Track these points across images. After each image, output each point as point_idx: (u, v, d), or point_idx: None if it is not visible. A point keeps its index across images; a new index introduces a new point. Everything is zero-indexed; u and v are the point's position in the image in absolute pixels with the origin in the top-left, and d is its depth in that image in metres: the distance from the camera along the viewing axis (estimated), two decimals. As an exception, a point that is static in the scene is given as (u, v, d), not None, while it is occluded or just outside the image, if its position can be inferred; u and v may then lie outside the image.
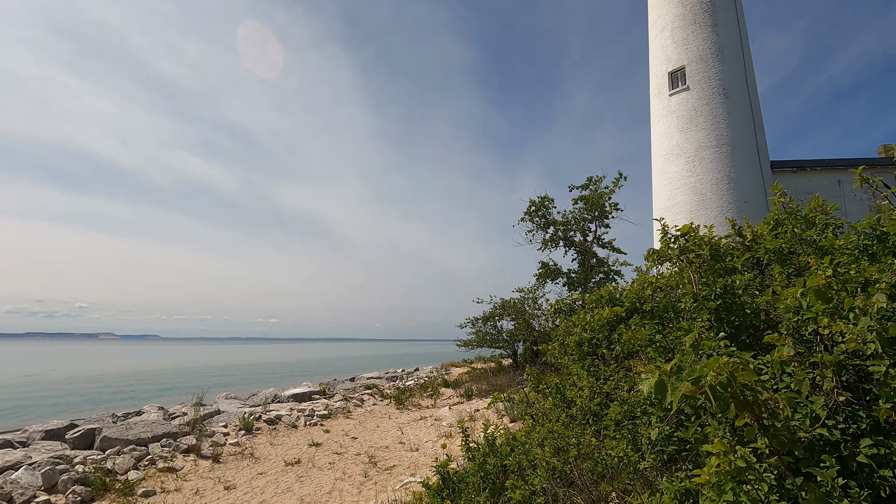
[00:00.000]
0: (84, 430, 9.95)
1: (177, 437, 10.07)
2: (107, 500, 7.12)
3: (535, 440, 4.33)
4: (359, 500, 7.15)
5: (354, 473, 8.55)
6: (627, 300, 4.34)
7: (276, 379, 35.22)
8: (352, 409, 14.79)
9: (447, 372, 26.07)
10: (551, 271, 21.02)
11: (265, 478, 8.47)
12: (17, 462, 7.77)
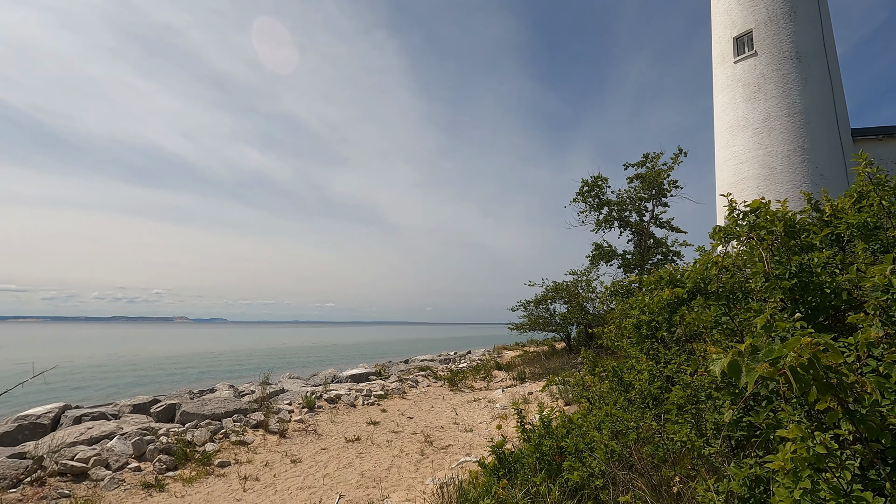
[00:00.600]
0: (166, 405, 10.84)
1: (246, 414, 10.76)
2: (188, 469, 7.75)
3: (592, 423, 4.28)
4: (416, 477, 7.38)
5: (411, 451, 8.82)
6: (690, 281, 4.16)
7: (335, 360, 36.69)
8: (407, 390, 15.19)
9: (499, 355, 26.13)
10: (605, 253, 20.43)
11: (328, 453, 8.90)
12: (111, 432, 8.60)
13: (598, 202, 20.31)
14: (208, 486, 7.24)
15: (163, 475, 7.42)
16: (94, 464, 7.22)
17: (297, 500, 6.62)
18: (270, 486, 7.26)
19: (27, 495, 6.10)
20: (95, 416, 9.94)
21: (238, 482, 7.37)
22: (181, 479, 7.35)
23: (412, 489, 6.83)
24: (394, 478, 7.44)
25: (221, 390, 14.31)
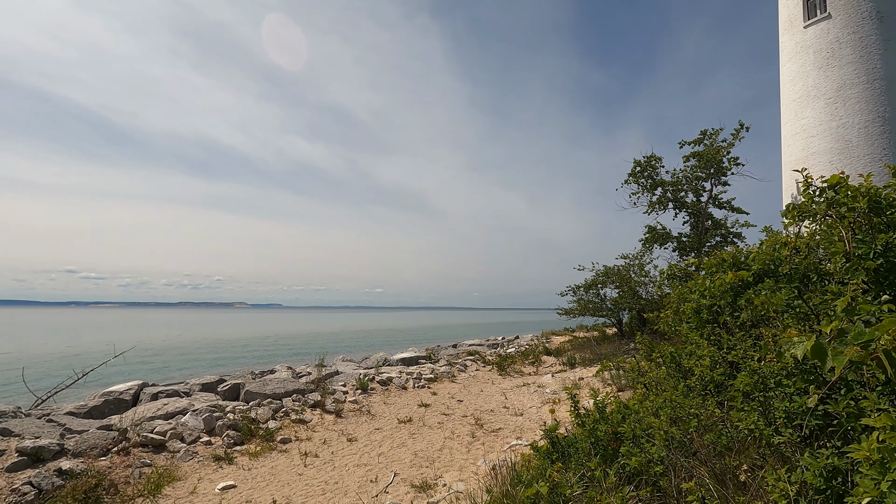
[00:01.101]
0: (231, 385, 11.54)
1: (304, 394, 11.27)
2: (253, 444, 8.25)
3: (649, 409, 4.18)
4: (468, 458, 7.50)
5: (462, 433, 8.96)
6: (756, 263, 3.94)
7: (384, 344, 37.60)
8: (456, 374, 15.37)
9: (548, 340, 25.88)
10: (659, 235, 19.67)
11: (381, 433, 9.20)
12: (184, 409, 9.27)
13: (651, 183, 19.50)
14: (272, 460, 7.68)
15: (231, 449, 7.93)
16: (171, 437, 7.82)
17: (354, 477, 6.91)
18: (329, 462, 7.61)
19: (115, 463, 6.70)
20: (170, 394, 10.74)
21: (299, 458, 7.77)
22: (247, 454, 7.83)
23: (464, 470, 6.95)
24: (446, 458, 7.60)
25: (280, 371, 15.04)
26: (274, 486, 6.60)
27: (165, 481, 6.52)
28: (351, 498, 6.15)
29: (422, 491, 6.18)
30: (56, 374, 16.65)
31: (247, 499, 6.18)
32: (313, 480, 6.82)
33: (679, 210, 19.66)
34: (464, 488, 5.80)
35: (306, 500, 6.12)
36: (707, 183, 19.09)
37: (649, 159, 19.21)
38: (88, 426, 8.01)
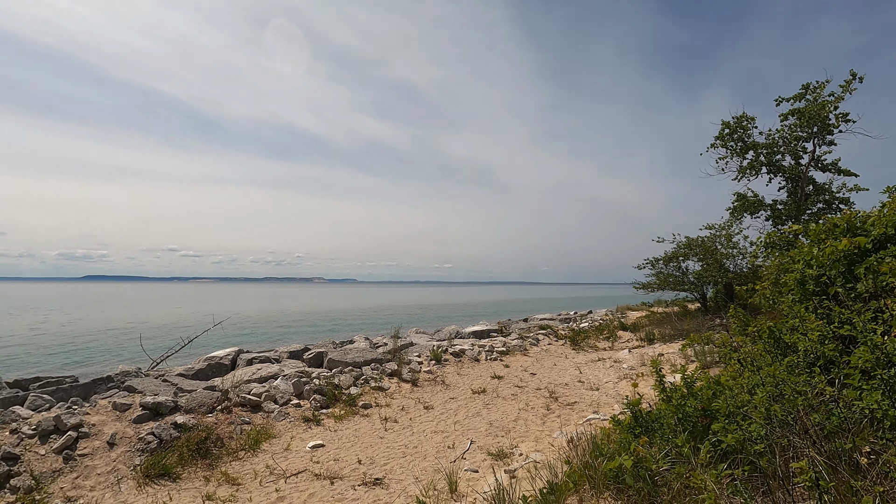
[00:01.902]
0: (315, 353, 12.32)
1: (382, 363, 11.78)
2: (337, 408, 8.79)
3: (744, 386, 3.91)
4: (543, 430, 7.51)
5: (537, 406, 8.96)
6: (877, 227, 3.50)
7: (455, 318, 38.25)
8: (528, 348, 15.33)
9: (623, 315, 24.99)
10: (750, 203, 18.05)
11: (456, 402, 9.43)
12: (276, 374, 10.05)
13: (741, 146, 17.82)
14: (355, 423, 8.16)
15: (318, 412, 8.51)
16: (265, 399, 8.52)
17: (432, 443, 7.16)
18: (407, 427, 7.94)
19: (220, 420, 7.44)
20: (262, 360, 11.68)
21: (380, 422, 8.18)
22: (332, 417, 8.37)
23: (540, 441, 6.97)
24: (521, 429, 7.66)
25: (359, 342, 15.80)
26: (358, 448, 7.02)
27: (263, 438, 7.15)
28: (430, 461, 6.40)
29: (498, 459, 6.29)
30: (166, 340, 18.68)
31: (334, 457, 6.63)
32: (394, 444, 7.16)
33: (774, 175, 17.86)
34: (541, 458, 5.82)
35: (388, 461, 6.45)
36: (808, 143, 17.12)
37: (739, 120, 17.52)
38: (196, 386, 8.92)
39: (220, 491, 5.57)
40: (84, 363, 17.65)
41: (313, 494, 5.45)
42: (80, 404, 7.45)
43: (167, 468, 5.94)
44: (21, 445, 5.98)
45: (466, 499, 4.84)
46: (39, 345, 23.19)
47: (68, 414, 6.72)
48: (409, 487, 5.56)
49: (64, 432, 6.33)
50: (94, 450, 6.26)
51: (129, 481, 5.76)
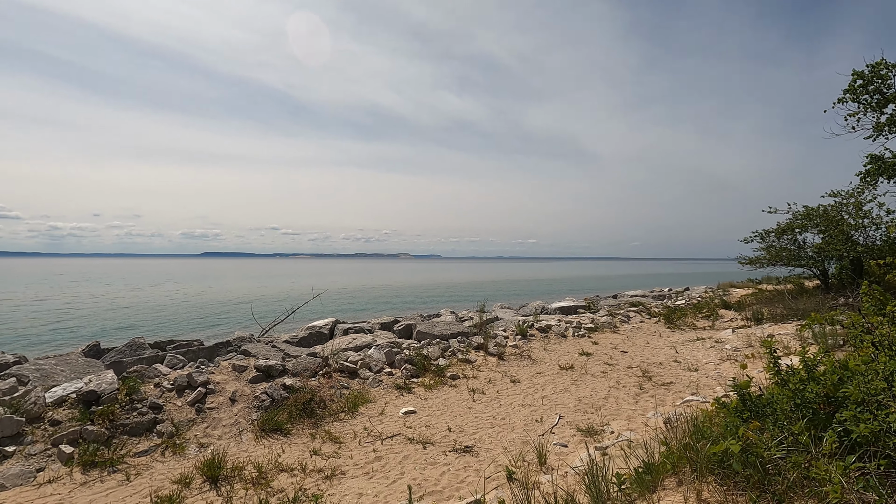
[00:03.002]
0: (405, 325, 12.85)
1: (468, 336, 12.00)
2: (426, 377, 9.14)
3: (880, 372, 3.46)
4: (636, 409, 7.25)
5: (629, 384, 8.65)
6: None
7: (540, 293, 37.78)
8: (618, 325, 14.76)
9: (725, 293, 23.06)
10: (888, 166, 15.56)
11: (543, 377, 9.38)
12: (369, 343, 10.66)
13: (879, 99, 15.32)
14: (444, 393, 8.44)
15: (408, 380, 8.92)
16: (361, 366, 9.08)
17: (520, 415, 7.22)
18: (495, 399, 8.07)
19: (322, 384, 8.08)
20: (356, 330, 12.43)
21: (467, 393, 8.39)
22: (422, 386, 8.73)
23: (633, 420, 6.75)
24: (612, 407, 7.46)
25: (445, 315, 16.21)
26: (447, 416, 7.28)
27: (360, 402, 7.66)
28: (518, 433, 6.47)
29: (588, 435, 6.20)
30: (272, 310, 20.52)
31: (425, 424, 6.94)
32: (482, 414, 7.32)
33: (921, 131, 15.19)
34: (634, 438, 5.64)
35: (477, 430, 6.62)
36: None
37: (876, 68, 14.99)
38: (300, 352, 9.74)
39: (324, 447, 6.09)
40: (207, 328, 20.01)
41: (407, 457, 5.77)
42: (207, 364, 8.47)
43: (279, 424, 6.59)
44: (163, 397, 6.96)
45: (556, 472, 4.84)
46: (174, 311, 26.63)
47: (198, 372, 7.67)
48: (499, 457, 5.67)
49: (195, 388, 7.25)
50: (219, 404, 7.11)
51: (248, 433, 6.49)
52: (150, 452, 5.85)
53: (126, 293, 39.83)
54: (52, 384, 7.05)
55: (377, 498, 4.74)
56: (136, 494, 4.88)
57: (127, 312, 26.44)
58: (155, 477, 5.29)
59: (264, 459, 5.60)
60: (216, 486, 5.02)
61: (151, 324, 22.06)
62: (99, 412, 6.19)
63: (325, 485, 5.06)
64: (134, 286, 48.96)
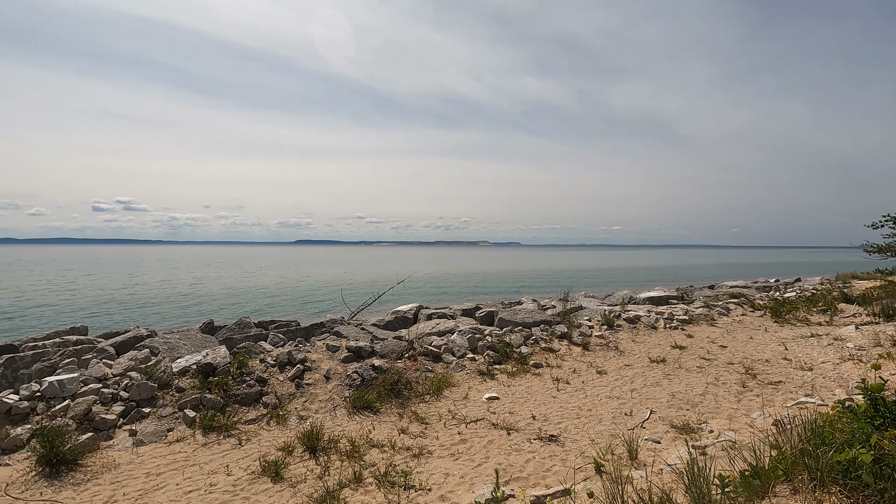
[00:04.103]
0: (486, 312, 12.90)
1: (551, 325, 11.78)
2: (509, 365, 9.12)
3: None
4: (738, 409, 6.70)
5: (729, 381, 8.01)
6: None
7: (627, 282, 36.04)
8: (716, 318, 13.69)
9: (845, 284, 20.43)
10: None
11: (632, 370, 8.98)
12: (451, 329, 10.84)
13: None
14: (526, 381, 8.38)
15: (491, 367, 8.95)
16: (444, 351, 9.28)
17: (607, 408, 6.98)
18: (580, 390, 7.87)
19: (407, 366, 8.37)
20: (439, 316, 12.70)
21: (551, 382, 8.26)
22: (505, 372, 8.72)
23: (734, 420, 6.25)
24: (710, 404, 6.96)
25: (527, 303, 16.03)
26: (531, 404, 7.22)
27: (444, 385, 7.84)
28: (605, 426, 6.27)
29: (684, 432, 5.85)
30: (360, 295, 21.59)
31: (509, 410, 6.94)
32: (567, 404, 7.18)
33: None
34: (737, 439, 5.23)
35: (562, 420, 6.51)
36: None
37: None
38: (386, 335, 10.15)
39: (411, 427, 6.32)
40: (302, 310, 21.54)
41: (492, 441, 5.82)
42: (303, 344, 9.12)
43: (369, 402, 6.94)
44: (267, 372, 7.61)
45: (648, 468, 4.62)
46: (274, 294, 28.97)
47: (296, 351, 8.29)
48: (585, 448, 5.54)
49: (294, 365, 7.85)
50: (315, 381, 7.64)
51: (341, 409, 6.91)
52: (258, 421, 6.44)
53: (236, 277, 44.02)
54: (176, 356, 7.99)
55: (463, 479, 4.84)
56: (247, 458, 5.41)
57: (235, 294, 29.23)
58: (262, 443, 5.82)
59: (356, 434, 5.93)
60: (315, 455, 5.42)
61: (255, 305, 24.20)
62: (215, 382, 6.92)
63: (414, 462, 5.26)
64: (243, 271, 54.07)
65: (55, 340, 8.77)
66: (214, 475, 5.00)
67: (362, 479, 4.81)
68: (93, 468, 5.11)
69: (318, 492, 4.58)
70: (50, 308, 22.71)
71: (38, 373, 6.91)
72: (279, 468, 5.00)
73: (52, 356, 7.46)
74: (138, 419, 6.17)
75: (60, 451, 5.04)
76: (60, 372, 6.89)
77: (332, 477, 4.90)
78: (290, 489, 4.69)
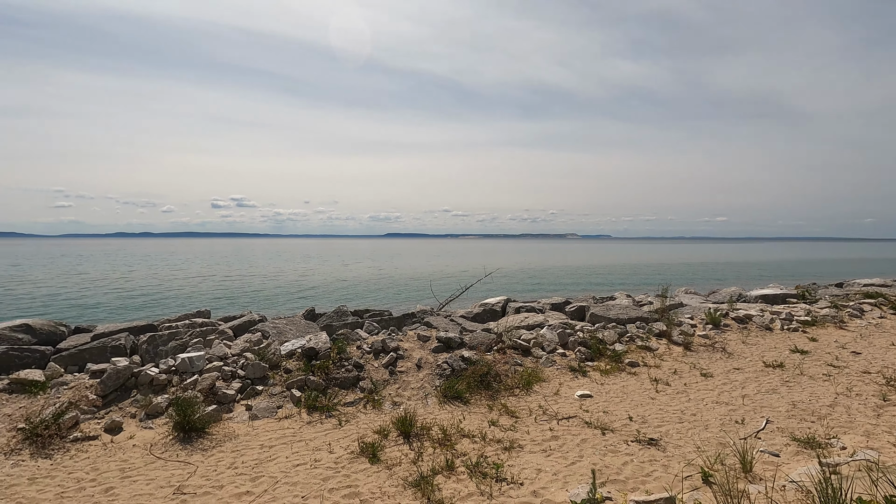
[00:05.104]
0: (577, 307, 12.48)
1: (647, 322, 11.10)
2: (602, 362, 8.75)
3: None
4: (878, 425, 5.84)
5: (865, 393, 7.01)
6: None
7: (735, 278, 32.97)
8: (845, 319, 12.04)
9: None
10: None
11: (742, 374, 8.19)
12: (541, 323, 10.64)
13: None
14: (622, 380, 7.98)
15: (583, 363, 8.65)
16: (534, 345, 9.13)
17: (714, 413, 6.43)
18: (682, 393, 7.33)
19: (496, 359, 8.36)
20: (528, 309, 12.52)
21: (649, 382, 7.79)
22: (598, 370, 8.38)
23: (874, 437, 5.45)
24: (841, 417, 6.14)
25: (620, 299, 15.27)
26: (627, 405, 6.87)
27: (534, 380, 7.72)
28: (712, 433, 5.78)
29: (809, 447, 5.21)
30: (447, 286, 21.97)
31: (603, 409, 6.66)
32: (667, 407, 6.73)
33: None
34: (879, 459, 4.55)
35: (662, 424, 6.11)
36: None
37: None
38: (475, 327, 10.21)
39: (501, 419, 6.31)
40: (393, 300, 22.42)
41: (585, 440, 5.62)
42: (395, 333, 9.47)
43: (459, 393, 7.04)
44: (363, 358, 8.01)
45: (766, 483, 4.18)
46: (368, 284, 30.50)
47: (389, 339, 8.63)
48: (689, 455, 5.15)
49: (388, 353, 8.18)
50: (407, 369, 7.90)
51: (432, 398, 7.08)
52: (355, 404, 6.80)
53: (333, 268, 47.01)
54: (284, 340, 8.68)
55: (556, 476, 4.74)
56: (346, 438, 5.74)
57: (332, 283, 31.20)
58: (360, 425, 6.14)
59: (447, 423, 6.04)
60: (408, 440, 5.61)
61: (350, 294, 25.64)
62: (317, 366, 7.42)
63: (505, 455, 5.24)
64: (342, 262, 57.66)
65: (185, 322, 9.94)
66: (318, 452, 5.37)
67: (454, 468, 4.89)
68: (216, 436, 5.73)
69: (412, 476, 4.74)
70: (181, 293, 25.91)
71: (172, 350, 7.89)
72: (376, 450, 5.24)
73: (183, 336, 8.47)
74: (252, 395, 6.80)
75: (191, 419, 5.72)
76: (190, 350, 7.80)
77: (425, 462, 5.04)
78: (386, 471, 4.90)
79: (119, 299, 23.68)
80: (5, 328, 8.69)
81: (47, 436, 5.45)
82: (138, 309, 20.70)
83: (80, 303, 22.53)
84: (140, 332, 9.06)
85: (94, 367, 7.01)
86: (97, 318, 17.95)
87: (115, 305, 21.86)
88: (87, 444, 5.50)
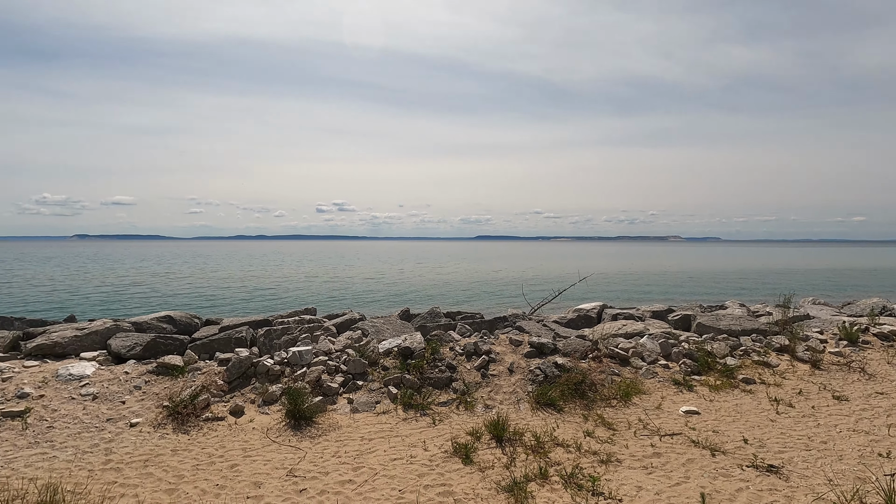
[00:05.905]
0: (681, 315, 11.62)
1: (765, 335, 10.02)
2: (711, 376, 8.06)
3: None
4: None
5: None
6: None
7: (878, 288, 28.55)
8: None
9: None
10: None
11: (888, 399, 7.09)
12: (640, 332, 10.06)
13: None
14: (734, 398, 7.30)
15: (688, 377, 8.03)
16: (633, 354, 8.66)
17: (851, 443, 5.65)
18: (809, 416, 6.53)
19: (592, 367, 8.06)
20: (626, 316, 11.90)
21: (768, 402, 7.04)
22: (706, 385, 7.74)
23: None
24: None
25: (732, 308, 13.95)
26: (741, 425, 6.27)
27: (633, 392, 7.33)
28: (849, 465, 5.08)
29: (979, 493, 4.38)
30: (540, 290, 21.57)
31: (713, 428, 6.14)
32: (790, 431, 6.03)
33: None
34: None
35: (785, 450, 5.49)
36: None
37: None
38: (569, 334, 9.93)
39: (597, 431, 6.08)
40: (484, 303, 22.54)
41: (692, 461, 5.23)
42: (487, 336, 9.52)
43: (552, 400, 6.90)
44: (455, 360, 8.16)
45: (920, 530, 3.59)
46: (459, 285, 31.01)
47: (482, 342, 8.70)
48: (819, 487, 4.57)
49: (480, 355, 8.25)
50: (499, 373, 7.91)
51: (525, 403, 7.02)
52: (448, 404, 6.96)
53: (426, 269, 48.48)
54: (381, 338, 9.13)
55: (658, 496, 4.47)
56: (440, 437, 5.89)
57: (425, 285, 32.16)
58: (453, 425, 6.27)
59: (540, 430, 5.95)
60: (501, 444, 5.62)
61: (442, 294, 26.23)
62: (412, 365, 7.71)
63: (601, 468, 5.05)
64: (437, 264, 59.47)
65: (295, 318, 10.85)
66: (413, 448, 5.58)
67: (548, 476, 4.81)
68: (322, 426, 6.19)
69: (504, 480, 4.75)
70: (291, 291, 28.34)
71: (285, 343, 8.65)
72: (469, 451, 5.32)
73: (293, 331, 9.26)
74: (353, 390, 7.24)
75: (301, 408, 6.24)
76: (299, 344, 8.50)
77: (517, 468, 5.02)
78: (479, 473, 4.96)
79: (240, 295, 26.50)
80: (153, 319, 10.13)
81: (185, 414, 6.27)
82: (256, 304, 23.00)
83: (210, 297, 25.57)
84: (258, 326, 10.04)
85: (221, 356, 7.91)
86: (223, 312, 20.24)
87: (237, 300, 24.51)
88: (215, 423, 6.23)
